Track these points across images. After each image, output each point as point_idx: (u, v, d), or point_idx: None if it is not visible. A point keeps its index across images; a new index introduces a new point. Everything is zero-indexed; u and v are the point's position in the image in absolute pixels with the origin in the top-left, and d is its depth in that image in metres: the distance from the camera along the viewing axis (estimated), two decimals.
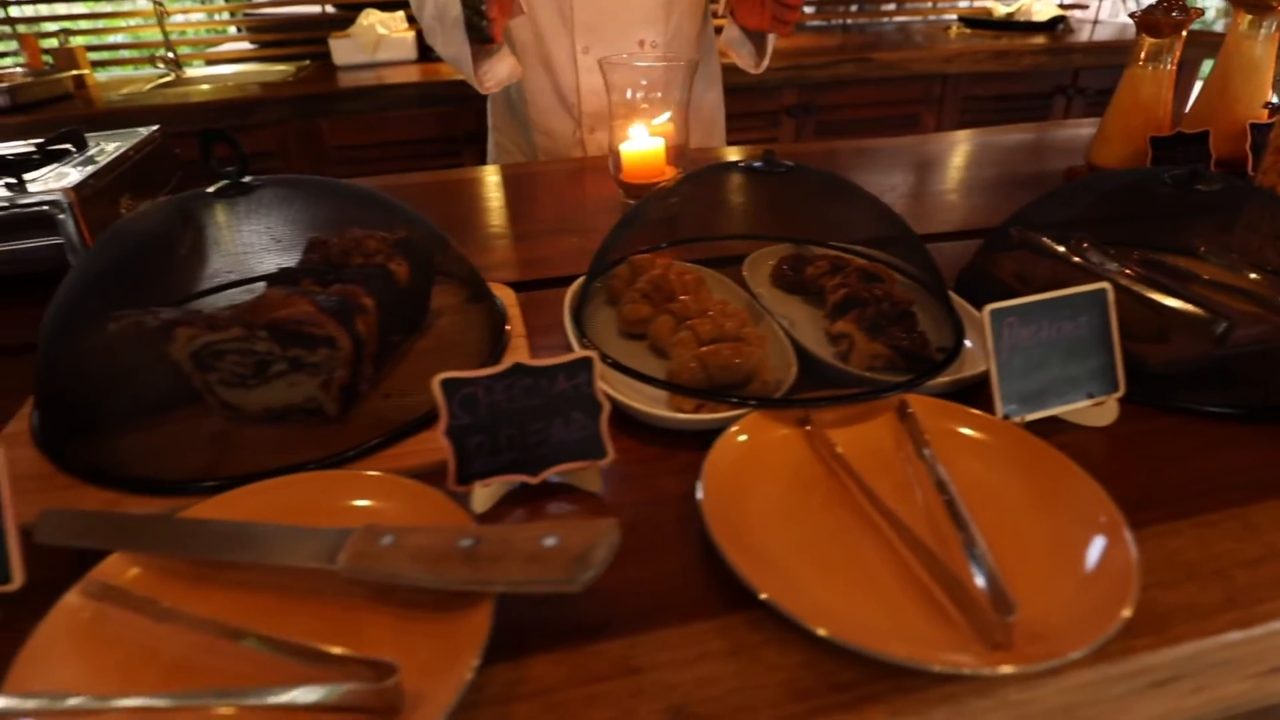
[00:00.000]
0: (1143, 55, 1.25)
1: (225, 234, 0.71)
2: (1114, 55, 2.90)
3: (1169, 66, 1.24)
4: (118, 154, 1.07)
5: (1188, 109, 1.38)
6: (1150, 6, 1.20)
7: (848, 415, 0.65)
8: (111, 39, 2.86)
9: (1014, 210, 0.92)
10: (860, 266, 0.83)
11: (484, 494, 0.57)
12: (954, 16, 3.50)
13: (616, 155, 1.14)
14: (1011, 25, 3.23)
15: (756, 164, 0.77)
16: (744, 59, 1.54)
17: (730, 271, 0.90)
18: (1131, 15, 1.24)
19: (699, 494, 0.54)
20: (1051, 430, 0.65)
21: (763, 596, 0.47)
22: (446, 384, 0.54)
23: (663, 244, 0.95)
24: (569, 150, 1.59)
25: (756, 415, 0.63)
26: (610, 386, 0.68)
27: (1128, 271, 0.80)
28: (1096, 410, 0.67)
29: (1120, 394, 0.66)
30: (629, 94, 1.11)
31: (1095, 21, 3.35)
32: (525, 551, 0.45)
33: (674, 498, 0.59)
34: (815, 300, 0.87)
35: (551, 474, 0.58)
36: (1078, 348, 0.66)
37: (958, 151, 1.55)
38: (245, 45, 2.77)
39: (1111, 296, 0.66)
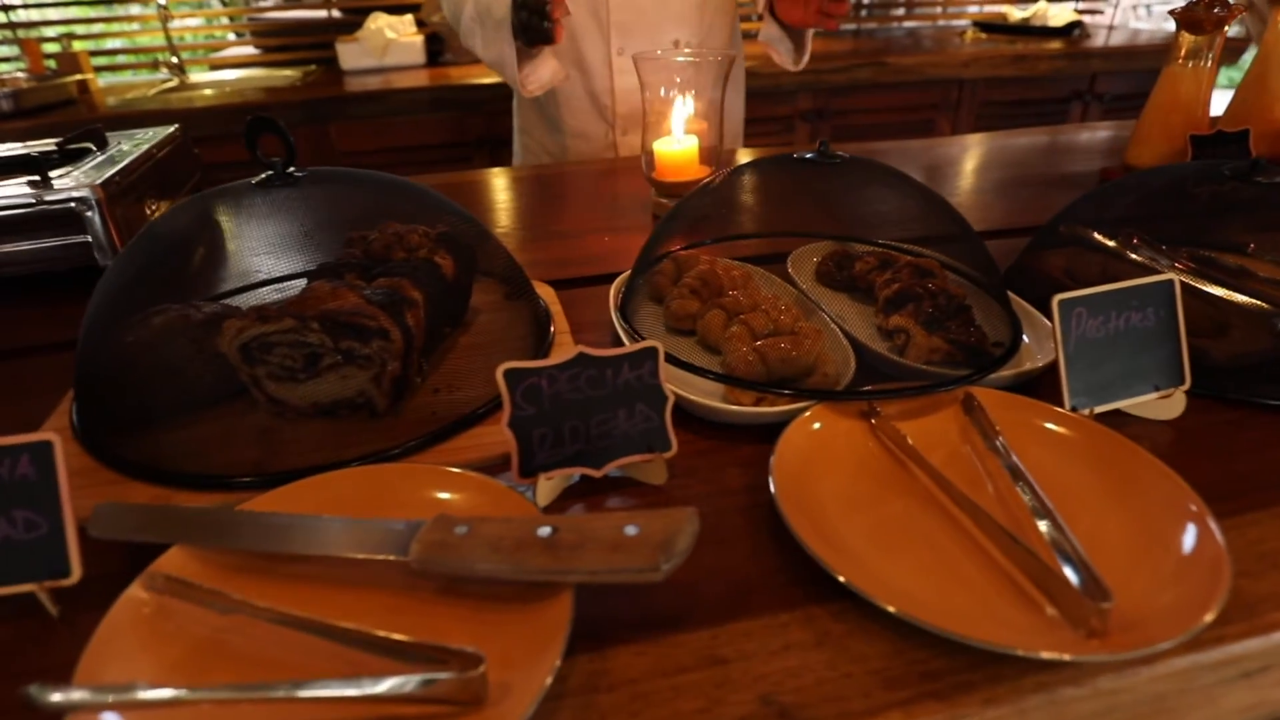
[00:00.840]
0: (1182, 53, 1.25)
1: (265, 228, 0.71)
2: (1132, 61, 2.92)
3: (1209, 64, 1.25)
4: (140, 152, 1.08)
5: (1224, 109, 1.38)
6: (1191, 3, 1.21)
7: (912, 408, 0.65)
8: (113, 44, 2.87)
9: (1050, 209, 0.93)
10: (911, 262, 0.83)
11: (548, 487, 0.57)
12: (966, 22, 3.51)
13: (650, 154, 1.14)
14: (1027, 30, 3.24)
15: (810, 155, 0.77)
16: (783, 56, 1.55)
17: (775, 269, 0.90)
18: (1171, 13, 1.24)
19: (771, 485, 0.54)
20: (1116, 424, 0.65)
21: (842, 579, 0.47)
22: (510, 374, 0.54)
23: (707, 240, 0.95)
24: (601, 153, 1.60)
25: (821, 408, 0.63)
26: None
27: (1180, 266, 0.80)
28: (1163, 403, 0.67)
29: (1186, 386, 0.67)
30: (663, 91, 1.12)
31: (1111, 27, 3.37)
32: (606, 540, 0.45)
33: (739, 489, 0.59)
34: (863, 297, 0.87)
35: (615, 467, 0.57)
36: (1145, 340, 0.66)
37: (983, 153, 1.55)
38: (250, 50, 2.79)
39: (1179, 289, 0.66)
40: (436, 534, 0.47)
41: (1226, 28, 1.23)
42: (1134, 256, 0.82)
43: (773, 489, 0.54)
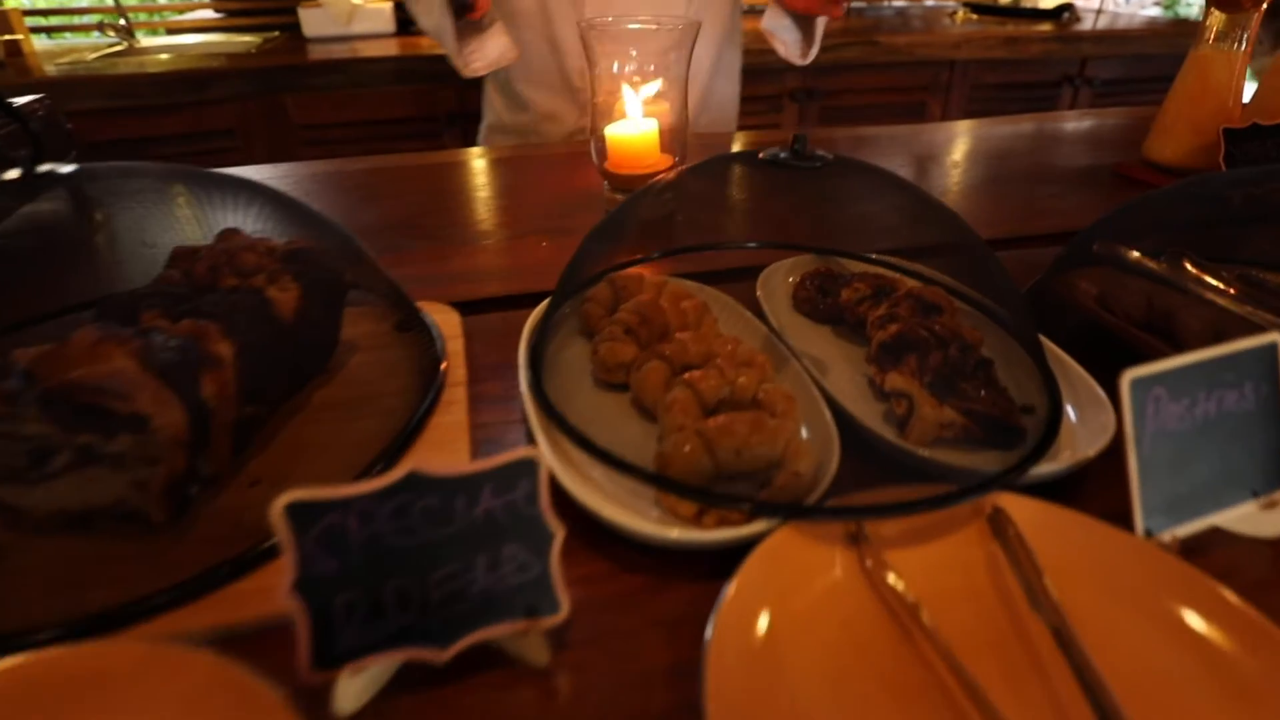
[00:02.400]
0: (1212, 34, 1.03)
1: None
2: (1123, 45, 2.71)
3: (1243, 47, 1.02)
4: None
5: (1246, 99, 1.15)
6: None
7: (917, 526, 0.43)
8: (51, 3, 2.56)
9: (1063, 213, 0.71)
10: (912, 290, 0.61)
11: (354, 686, 0.34)
12: (955, 3, 3.27)
13: (600, 140, 0.91)
14: (1018, 12, 3.02)
15: (782, 155, 0.55)
16: (789, 48, 1.32)
17: (741, 291, 0.67)
18: None
19: (706, 681, 0.33)
20: (1201, 547, 0.44)
21: None
22: (295, 511, 0.32)
23: (654, 254, 0.72)
24: (573, 137, 1.38)
25: (789, 532, 0.41)
26: (574, 466, 0.46)
27: (1219, 288, 0.59)
28: (1265, 515, 0.45)
29: None
30: (615, 66, 0.88)
31: (1098, 11, 3.14)
32: None
33: (664, 672, 0.38)
34: (850, 332, 0.65)
35: (470, 643, 0.36)
36: (1241, 428, 0.45)
37: (979, 142, 1.32)
38: (209, 14, 2.51)
39: None
40: None
41: (1264, 5, 1.01)
42: (1205, 293, 0.60)
43: (706, 685, 0.32)
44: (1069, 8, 2.97)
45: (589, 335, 0.63)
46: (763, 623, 0.37)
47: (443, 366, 0.57)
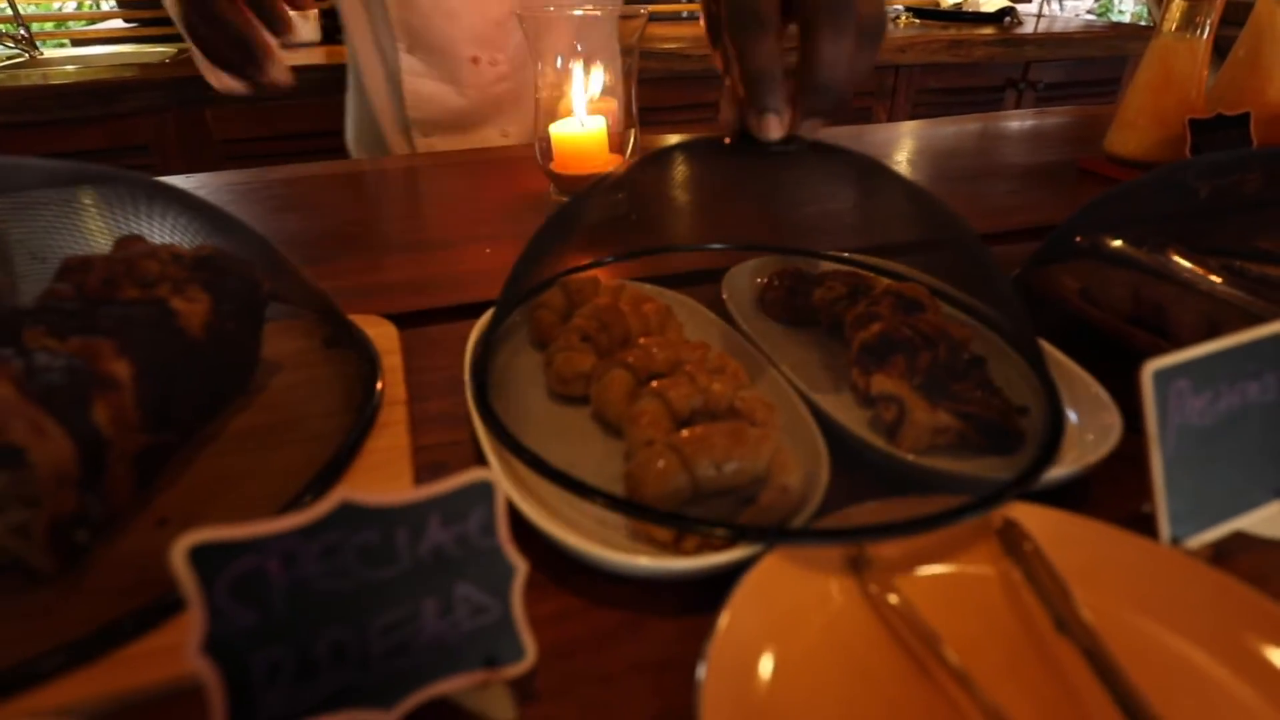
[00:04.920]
0: (1174, 24, 1.03)
1: None
2: (1065, 48, 2.76)
3: (1205, 35, 1.02)
4: None
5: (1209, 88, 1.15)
6: None
7: (921, 544, 0.40)
8: None
9: (1032, 208, 0.69)
10: (891, 287, 0.58)
11: None
12: (900, 7, 3.31)
13: (545, 139, 0.87)
14: (960, 16, 3.06)
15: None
16: None
17: (703, 294, 0.64)
18: None
19: None
20: (1223, 551, 0.41)
21: None
22: (202, 555, 0.27)
23: (608, 258, 0.68)
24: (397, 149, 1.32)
25: (778, 558, 0.37)
26: (534, 490, 0.41)
27: (1211, 279, 0.57)
28: None
29: None
30: (558, 61, 0.84)
31: (1039, 15, 3.21)
32: None
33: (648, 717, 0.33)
34: (825, 335, 0.61)
35: (419, 702, 0.31)
36: (1263, 421, 0.42)
37: (934, 141, 1.30)
38: (119, 24, 2.41)
39: None
40: None
41: None
42: (1198, 283, 0.58)
43: None
44: (1010, 11, 3.02)
45: (542, 346, 0.58)
46: (762, 664, 0.33)
47: (379, 384, 0.52)
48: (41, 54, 2.16)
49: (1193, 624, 0.35)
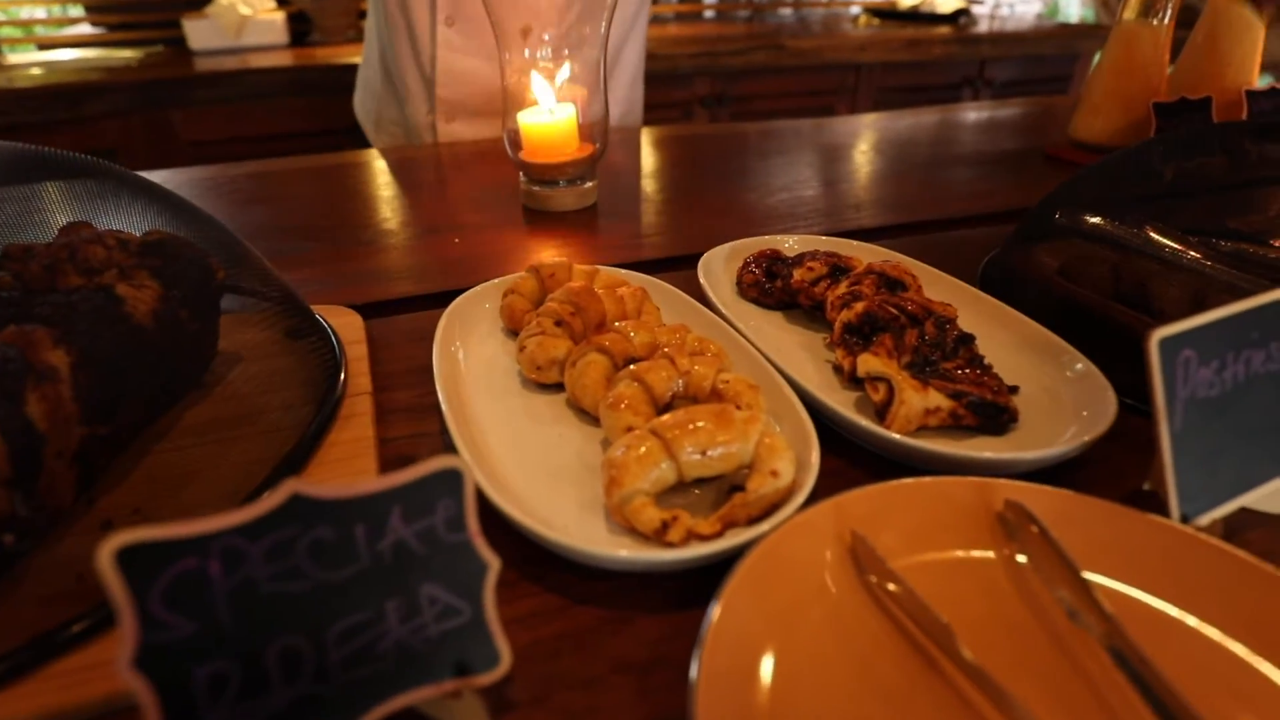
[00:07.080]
0: (1137, 9, 1.01)
1: None
2: (1018, 46, 2.76)
3: (1167, 20, 1.00)
4: None
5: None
6: None
7: (919, 532, 0.36)
8: None
9: (1002, 192, 0.67)
10: (873, 265, 0.54)
11: None
12: (857, 9, 3.30)
13: (514, 130, 0.83)
14: (917, 16, 3.07)
15: None
16: None
17: (680, 277, 0.60)
18: None
19: None
20: (1231, 528, 0.38)
21: None
22: (132, 558, 0.23)
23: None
24: (419, 137, 1.27)
25: (772, 545, 0.33)
26: (505, 480, 0.38)
27: (1192, 255, 0.55)
28: None
29: None
30: (526, 52, 0.80)
31: (992, 16, 3.22)
32: None
33: None
34: (805, 318, 0.58)
35: (383, 715, 0.27)
36: (1268, 392, 0.39)
37: (902, 132, 1.27)
38: (85, 29, 2.32)
39: None
40: None
41: None
42: (1181, 259, 0.56)
43: None
44: (965, 12, 3.03)
45: (514, 334, 0.54)
46: (763, 665, 0.29)
47: (342, 375, 0.48)
48: (6, 59, 2.08)
49: (1210, 607, 0.32)
